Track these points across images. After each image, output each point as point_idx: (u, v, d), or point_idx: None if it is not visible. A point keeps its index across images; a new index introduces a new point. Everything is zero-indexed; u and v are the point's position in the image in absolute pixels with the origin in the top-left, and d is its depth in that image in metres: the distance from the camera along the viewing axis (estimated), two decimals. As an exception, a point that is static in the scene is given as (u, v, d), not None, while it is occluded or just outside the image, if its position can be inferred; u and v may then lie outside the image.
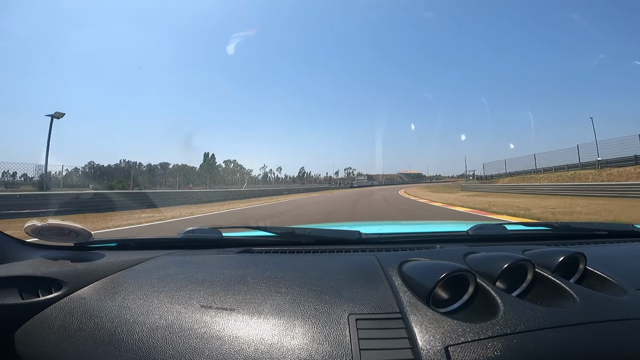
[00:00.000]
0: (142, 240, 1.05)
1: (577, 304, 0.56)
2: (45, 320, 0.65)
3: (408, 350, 0.50)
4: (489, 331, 0.51)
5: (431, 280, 0.58)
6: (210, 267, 0.80)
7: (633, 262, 0.82)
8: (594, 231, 1.11)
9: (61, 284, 0.71)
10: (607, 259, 0.80)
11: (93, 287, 0.72)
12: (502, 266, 0.61)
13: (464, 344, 0.49)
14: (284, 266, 0.78)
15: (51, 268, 0.75)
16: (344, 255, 0.88)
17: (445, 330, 0.51)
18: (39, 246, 0.90)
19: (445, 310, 0.57)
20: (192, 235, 1.03)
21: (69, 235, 0.86)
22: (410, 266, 0.69)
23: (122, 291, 0.69)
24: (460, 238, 1.04)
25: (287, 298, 0.62)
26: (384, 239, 1.03)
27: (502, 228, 1.07)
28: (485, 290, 0.59)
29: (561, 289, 0.61)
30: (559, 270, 0.65)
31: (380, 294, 0.62)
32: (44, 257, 0.84)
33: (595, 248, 0.97)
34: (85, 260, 0.83)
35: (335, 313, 0.57)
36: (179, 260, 0.87)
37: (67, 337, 0.60)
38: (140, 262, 0.84)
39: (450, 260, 0.67)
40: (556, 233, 1.11)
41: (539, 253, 0.71)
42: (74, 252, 0.92)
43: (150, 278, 0.74)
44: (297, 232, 1.01)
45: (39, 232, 0.81)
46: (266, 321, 0.57)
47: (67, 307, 0.67)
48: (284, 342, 0.53)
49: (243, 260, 0.87)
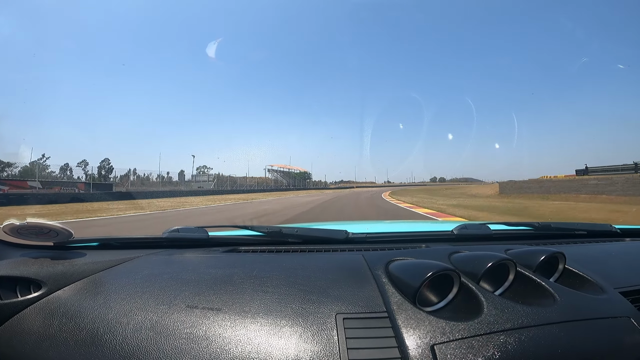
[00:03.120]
0: (125, 239, 1.03)
1: (557, 303, 0.58)
2: (25, 321, 0.63)
3: (395, 349, 0.51)
4: (474, 330, 0.52)
5: (417, 279, 0.59)
6: (196, 267, 0.79)
7: (611, 261, 0.85)
8: (574, 231, 1.15)
9: (41, 284, 0.69)
10: (586, 259, 0.83)
11: (74, 287, 0.70)
12: (486, 265, 0.62)
13: (449, 342, 0.50)
14: (271, 266, 0.77)
15: (30, 268, 0.73)
16: (331, 255, 0.88)
17: (431, 329, 0.52)
18: (18, 245, 0.86)
19: (431, 309, 0.58)
20: (177, 235, 1.01)
21: (48, 235, 0.83)
22: (396, 265, 0.70)
23: (104, 291, 0.68)
24: (446, 237, 1.06)
25: (274, 298, 0.62)
26: (371, 238, 1.04)
27: (485, 228, 1.09)
28: (470, 289, 0.61)
29: (542, 288, 0.62)
30: (540, 270, 0.67)
31: (367, 293, 0.62)
32: (23, 256, 0.81)
33: (574, 248, 1.01)
34: (66, 259, 0.81)
35: (323, 312, 0.57)
36: (163, 259, 0.85)
37: (47, 338, 0.59)
38: (123, 261, 0.82)
39: (435, 259, 0.68)
40: (537, 233, 1.14)
41: (521, 252, 0.73)
42: (54, 252, 0.89)
43: (134, 278, 0.72)
44: (284, 232, 1.01)
45: (17, 232, 0.78)
46: (253, 321, 0.56)
47: (47, 307, 0.65)
48: (271, 342, 0.52)
49: (229, 259, 0.86)
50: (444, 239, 1.06)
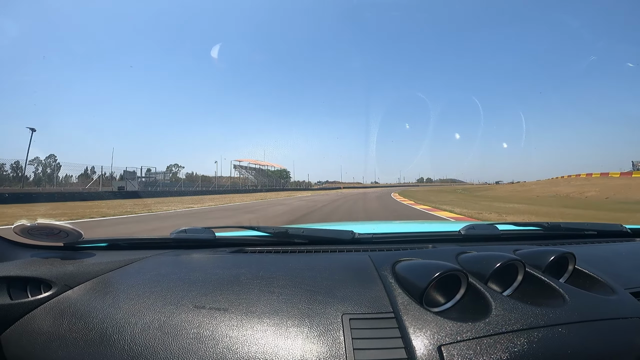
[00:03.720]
0: (133, 240, 1.04)
1: (567, 304, 0.57)
2: (35, 320, 0.64)
3: (401, 349, 0.50)
4: (481, 330, 0.51)
5: (424, 280, 0.58)
6: (203, 267, 0.80)
7: (621, 262, 0.84)
8: (583, 231, 1.13)
9: (51, 284, 0.70)
10: (596, 259, 0.81)
11: (83, 288, 0.71)
12: (494, 266, 0.62)
13: (456, 343, 0.50)
14: (278, 266, 0.77)
15: (41, 268, 0.74)
16: (337, 255, 0.88)
17: (438, 329, 0.52)
18: (29, 246, 0.88)
19: (438, 310, 0.57)
20: (185, 235, 1.02)
21: (58, 235, 0.85)
22: (403, 266, 0.69)
23: (113, 291, 0.69)
24: (453, 238, 1.05)
25: (281, 298, 0.62)
26: (377, 238, 1.04)
27: (493, 228, 1.08)
28: (477, 290, 0.60)
29: (551, 289, 0.62)
30: (549, 270, 0.66)
31: (373, 294, 0.62)
32: (34, 257, 0.83)
33: (584, 248, 0.99)
34: (75, 260, 0.82)
35: (329, 313, 0.57)
36: (171, 260, 0.86)
37: (57, 337, 0.59)
38: (132, 262, 0.83)
39: (442, 260, 0.68)
40: (546, 233, 1.12)
41: (530, 253, 0.72)
42: (63, 252, 0.90)
43: (142, 278, 0.73)
44: (290, 232, 1.01)
45: (28, 232, 0.80)
46: (260, 321, 0.57)
47: (57, 307, 0.66)
48: (277, 342, 0.53)
49: (236, 260, 0.86)
50: (451, 240, 1.05)
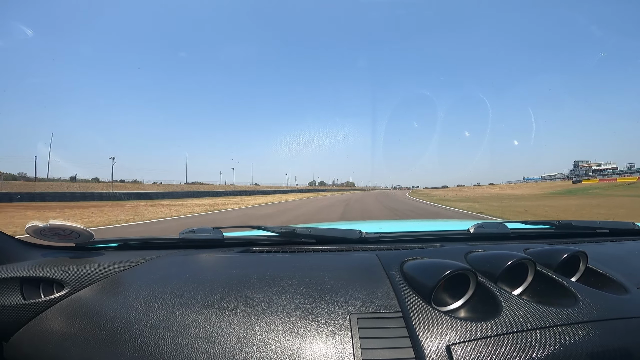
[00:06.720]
0: (143, 240, 1.05)
1: (578, 303, 0.56)
2: (48, 320, 0.65)
3: (409, 349, 0.50)
4: (491, 330, 0.51)
5: (432, 279, 0.58)
6: (212, 267, 0.80)
7: (634, 260, 0.82)
8: (595, 229, 1.11)
9: (63, 284, 0.71)
10: (609, 258, 0.79)
11: (95, 288, 0.72)
12: (504, 265, 0.61)
13: (465, 342, 0.49)
14: (285, 266, 0.78)
15: (53, 268, 0.76)
16: (345, 255, 0.88)
17: (446, 329, 0.51)
18: (41, 246, 0.90)
19: (446, 309, 0.57)
20: (193, 235, 1.03)
21: (70, 236, 0.86)
22: (411, 265, 0.69)
23: (124, 291, 0.70)
24: (461, 237, 1.04)
25: (288, 297, 0.62)
26: (385, 238, 1.03)
27: (503, 227, 1.06)
28: (487, 289, 0.59)
29: (563, 288, 0.61)
30: (561, 269, 0.65)
31: (381, 293, 0.62)
32: (46, 257, 0.84)
33: (596, 246, 0.97)
34: (87, 260, 0.83)
35: (337, 312, 0.57)
36: (180, 260, 0.87)
37: (69, 337, 0.61)
38: (142, 262, 0.84)
39: (451, 259, 0.67)
40: (557, 231, 1.10)
41: (541, 252, 0.71)
42: (75, 253, 0.92)
43: (152, 278, 0.74)
44: (297, 232, 1.01)
45: (40, 233, 0.81)
46: (268, 320, 0.57)
47: (69, 307, 0.67)
48: (285, 342, 0.53)
49: (244, 260, 0.87)
50: (460, 238, 1.04)
